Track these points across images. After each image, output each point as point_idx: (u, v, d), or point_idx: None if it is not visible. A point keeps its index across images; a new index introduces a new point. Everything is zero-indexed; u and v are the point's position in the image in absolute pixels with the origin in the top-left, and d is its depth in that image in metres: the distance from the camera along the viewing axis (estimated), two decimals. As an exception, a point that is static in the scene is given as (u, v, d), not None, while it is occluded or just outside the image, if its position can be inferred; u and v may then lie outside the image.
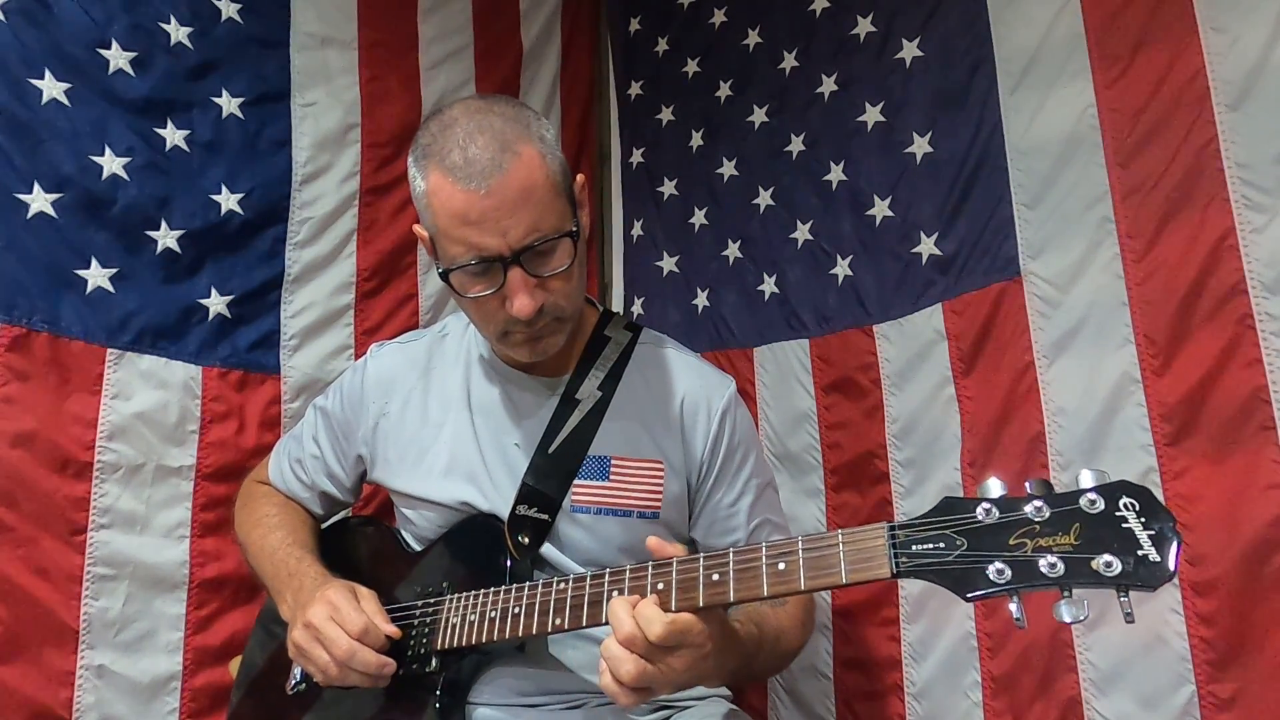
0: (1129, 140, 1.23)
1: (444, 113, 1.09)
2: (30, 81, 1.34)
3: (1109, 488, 0.77)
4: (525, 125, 1.06)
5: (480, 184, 1.01)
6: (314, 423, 1.37)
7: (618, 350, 1.26)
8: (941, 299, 1.44)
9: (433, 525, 1.24)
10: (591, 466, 1.19)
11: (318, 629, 1.06)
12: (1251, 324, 1.11)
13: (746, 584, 0.90)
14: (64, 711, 1.30)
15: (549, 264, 1.06)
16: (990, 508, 0.80)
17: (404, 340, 1.36)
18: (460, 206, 1.02)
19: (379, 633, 1.07)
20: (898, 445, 1.49)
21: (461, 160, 1.02)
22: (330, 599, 1.08)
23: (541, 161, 1.05)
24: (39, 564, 1.30)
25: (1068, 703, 1.23)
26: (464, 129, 1.04)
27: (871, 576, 0.84)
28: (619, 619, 0.91)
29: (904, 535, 0.83)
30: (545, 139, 1.08)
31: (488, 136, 1.03)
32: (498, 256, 1.03)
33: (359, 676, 1.07)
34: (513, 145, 1.03)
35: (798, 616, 1.22)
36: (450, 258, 1.06)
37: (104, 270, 1.39)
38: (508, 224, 1.02)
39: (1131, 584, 0.74)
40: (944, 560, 0.80)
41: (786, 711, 1.61)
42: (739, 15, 1.80)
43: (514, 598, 1.06)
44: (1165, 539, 0.74)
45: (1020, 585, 0.77)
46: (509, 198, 1.02)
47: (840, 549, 0.85)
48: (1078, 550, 0.76)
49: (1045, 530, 0.78)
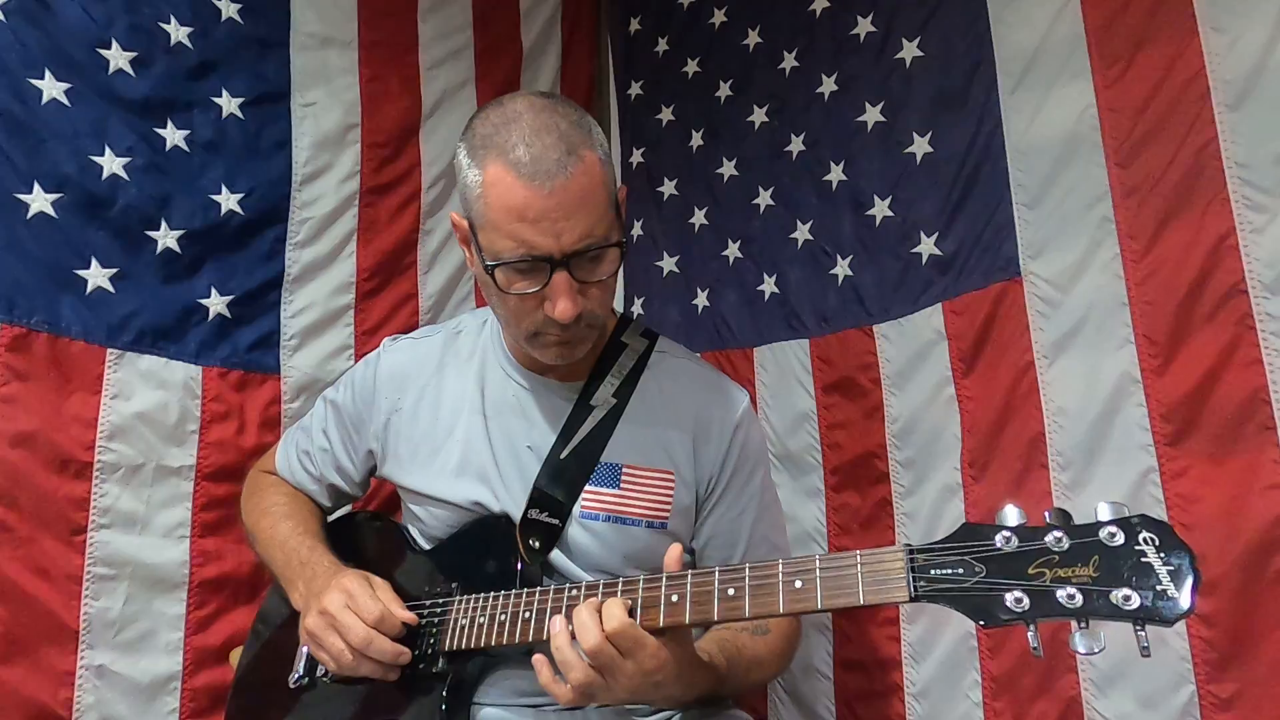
0: (1129, 140, 1.23)
1: (505, 105, 1.07)
2: (30, 81, 1.34)
3: (1128, 521, 0.77)
4: (588, 131, 1.06)
5: (545, 183, 1.00)
6: (324, 415, 1.36)
7: (634, 357, 1.25)
8: (941, 299, 1.44)
9: (442, 524, 1.24)
10: (603, 473, 1.19)
11: (334, 616, 1.06)
12: (1251, 324, 1.11)
13: (762, 600, 0.89)
14: (64, 711, 1.30)
15: (596, 271, 1.07)
16: (1010, 536, 0.80)
17: (418, 336, 1.35)
18: (520, 202, 1.01)
19: (395, 620, 1.07)
20: (898, 445, 1.49)
21: (527, 157, 1.01)
22: (346, 586, 1.09)
23: (601, 169, 1.05)
24: (39, 564, 1.30)
25: (1068, 703, 1.23)
26: (530, 125, 1.03)
27: (889, 599, 0.83)
28: (579, 612, 0.94)
29: (923, 559, 0.83)
30: (604, 147, 1.08)
31: (554, 136, 1.02)
32: (547, 257, 1.03)
33: (373, 665, 1.07)
34: (578, 149, 1.03)
35: (777, 649, 1.21)
36: (496, 252, 1.05)
37: (104, 270, 1.39)
38: (563, 226, 1.02)
39: (1149, 619, 0.74)
40: (962, 586, 0.80)
41: (786, 712, 1.61)
42: (739, 15, 1.80)
43: (524, 602, 1.05)
44: (1183, 574, 0.74)
45: (1038, 615, 0.77)
46: (569, 200, 1.01)
47: (859, 570, 0.85)
48: (1096, 583, 0.76)
49: (1064, 561, 0.78)
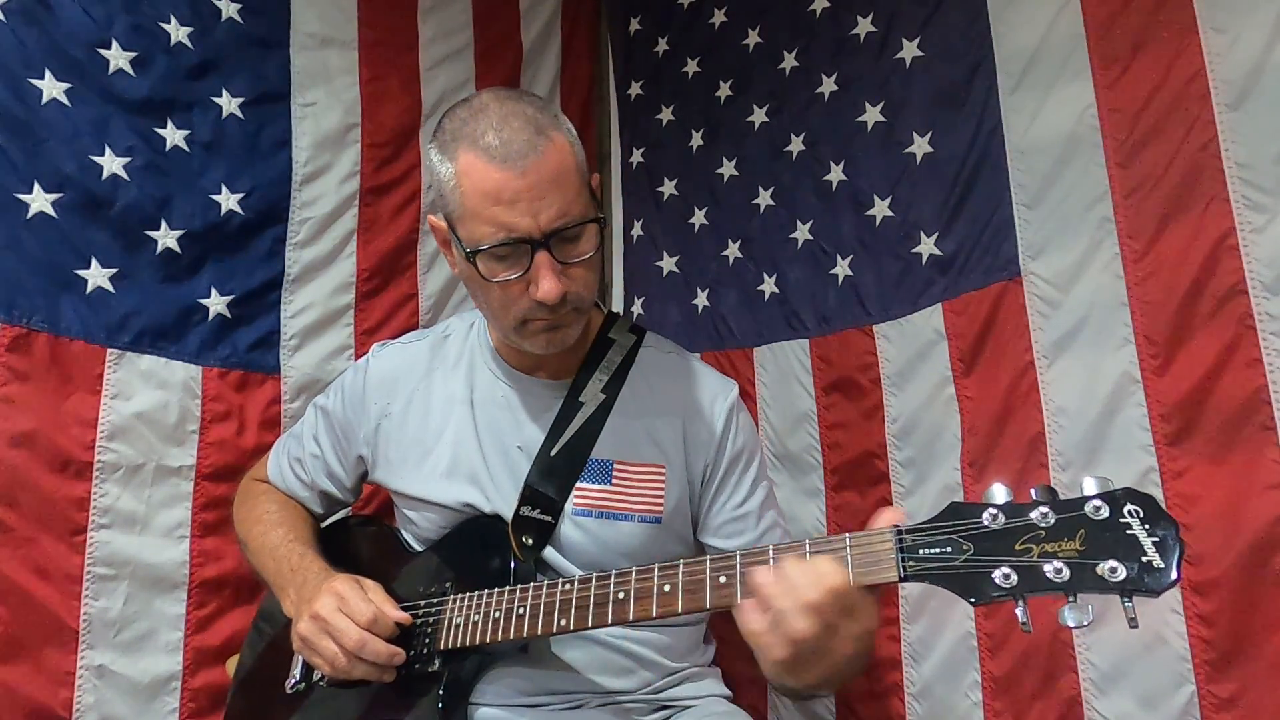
0: (1129, 140, 1.23)
1: (471, 101, 1.10)
2: (30, 81, 1.34)
3: (1113, 494, 0.78)
4: (554, 116, 1.09)
5: (516, 164, 1.02)
6: (314, 422, 1.37)
7: (622, 353, 1.26)
8: (941, 299, 1.44)
9: (434, 526, 1.24)
10: (594, 470, 1.19)
11: (326, 620, 1.06)
12: (1251, 324, 1.11)
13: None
14: (64, 711, 1.30)
15: (576, 249, 1.07)
16: (996, 513, 0.81)
17: (406, 340, 1.36)
18: (494, 186, 1.03)
19: (388, 620, 1.07)
20: (898, 445, 1.49)
21: (497, 141, 1.03)
22: (337, 590, 1.09)
23: (571, 149, 1.08)
24: (39, 564, 1.30)
25: (1068, 703, 1.23)
26: (497, 113, 1.05)
27: (879, 580, 0.84)
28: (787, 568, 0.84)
29: (911, 539, 0.83)
30: (571, 133, 1.10)
31: (522, 120, 1.04)
32: (527, 238, 1.04)
33: (367, 667, 1.07)
34: (546, 130, 1.05)
35: None
36: (476, 239, 1.06)
37: (104, 270, 1.39)
38: (540, 205, 1.03)
39: (1136, 590, 0.75)
40: (951, 565, 0.81)
41: (787, 712, 1.61)
42: (739, 15, 1.80)
43: (518, 598, 1.06)
44: (1169, 546, 0.75)
45: (1026, 590, 0.78)
46: (543, 179, 1.03)
47: (848, 551, 0.86)
48: (1083, 556, 0.77)
49: (1050, 536, 0.78)
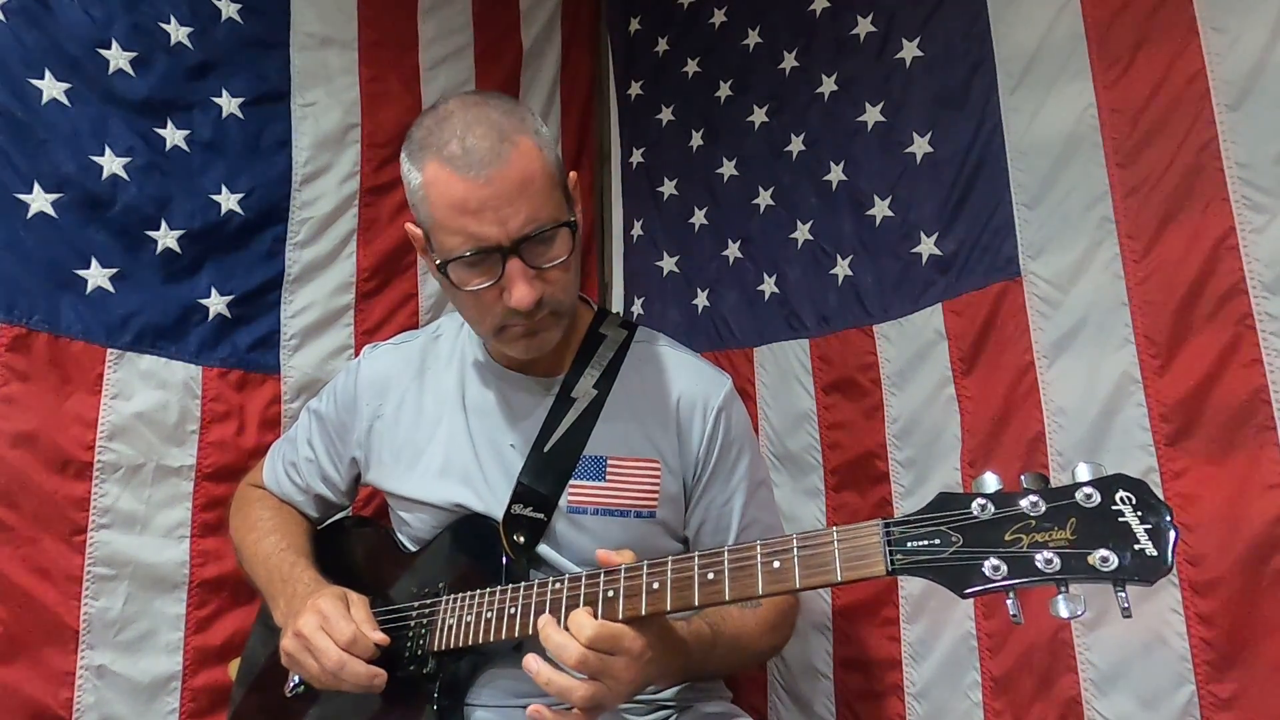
0: (1129, 140, 1.23)
1: (438, 108, 1.09)
2: (30, 81, 1.34)
3: (1105, 481, 0.77)
4: (521, 119, 1.07)
5: (479, 173, 1.01)
6: (308, 425, 1.36)
7: (613, 348, 1.25)
8: (941, 299, 1.44)
9: (427, 527, 1.24)
10: (587, 467, 1.19)
11: (307, 639, 1.05)
12: (1251, 324, 1.11)
13: (742, 582, 0.89)
14: (64, 711, 1.30)
15: (548, 254, 1.07)
16: (985, 503, 0.80)
17: (397, 341, 1.36)
18: (459, 196, 1.02)
19: (367, 642, 1.06)
20: (898, 445, 1.49)
21: (460, 150, 1.02)
22: (320, 608, 1.07)
23: (539, 153, 1.06)
24: (39, 564, 1.30)
25: (1068, 703, 1.23)
26: (461, 120, 1.04)
27: (866, 574, 0.83)
28: (550, 636, 0.94)
29: (899, 532, 0.82)
30: (541, 133, 1.08)
31: (485, 127, 1.03)
32: (496, 246, 1.03)
33: (350, 687, 1.06)
34: (510, 136, 1.03)
35: (767, 619, 1.21)
36: (447, 250, 1.06)
37: (104, 270, 1.39)
38: (507, 213, 1.02)
39: (1128, 579, 0.73)
40: (939, 557, 0.80)
41: (786, 711, 1.61)
42: (739, 15, 1.80)
43: (510, 598, 1.05)
44: (1162, 532, 0.73)
45: (1016, 581, 0.77)
46: (508, 187, 1.02)
47: (835, 547, 0.85)
48: (1074, 545, 0.75)
49: (1041, 525, 0.77)
